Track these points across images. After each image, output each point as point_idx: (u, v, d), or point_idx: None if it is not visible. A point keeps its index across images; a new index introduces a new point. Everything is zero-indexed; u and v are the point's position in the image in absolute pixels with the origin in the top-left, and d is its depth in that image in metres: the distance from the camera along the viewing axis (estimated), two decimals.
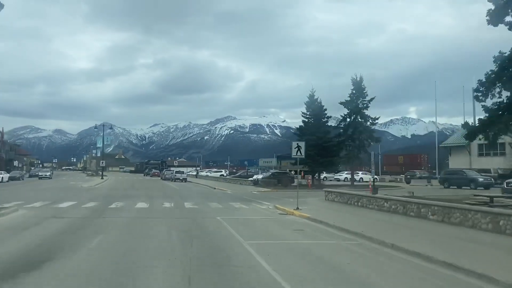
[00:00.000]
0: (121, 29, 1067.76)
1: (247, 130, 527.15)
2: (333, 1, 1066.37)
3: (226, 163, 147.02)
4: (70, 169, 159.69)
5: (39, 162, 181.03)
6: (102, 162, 56.63)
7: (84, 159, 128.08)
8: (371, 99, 36.18)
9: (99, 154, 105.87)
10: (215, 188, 37.91)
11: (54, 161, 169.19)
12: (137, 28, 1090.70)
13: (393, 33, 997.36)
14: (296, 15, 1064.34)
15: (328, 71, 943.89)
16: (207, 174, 68.47)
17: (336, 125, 38.29)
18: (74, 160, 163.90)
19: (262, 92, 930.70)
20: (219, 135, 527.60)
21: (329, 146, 37.38)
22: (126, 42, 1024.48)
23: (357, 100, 36.31)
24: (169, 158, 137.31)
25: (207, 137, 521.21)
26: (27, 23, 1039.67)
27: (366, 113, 36.09)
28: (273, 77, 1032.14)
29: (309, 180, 35.30)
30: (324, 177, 56.67)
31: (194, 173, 71.08)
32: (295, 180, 40.08)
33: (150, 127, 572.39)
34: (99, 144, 55.70)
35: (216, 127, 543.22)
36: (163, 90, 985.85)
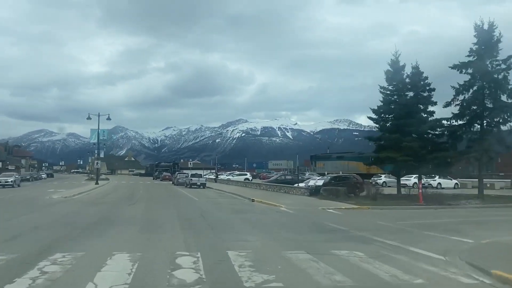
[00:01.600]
0: (133, 33, 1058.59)
1: (258, 133, 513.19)
2: (344, 4, 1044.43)
3: (234, 166, 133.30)
4: (79, 172, 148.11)
5: (46, 165, 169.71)
6: (97, 163, 43.24)
7: (90, 161, 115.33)
8: (510, 57, 22.06)
9: (102, 155, 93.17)
10: (253, 200, 24.23)
11: (61, 163, 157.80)
12: (149, 32, 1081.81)
13: (405, 35, 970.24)
14: (307, 17, 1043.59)
15: (338, 73, 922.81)
16: (228, 177, 54.83)
17: (448, 102, 23.70)
18: (81, 163, 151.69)
19: (273, 95, 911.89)
20: (231, 138, 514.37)
21: (436, 135, 23.52)
22: (138, 46, 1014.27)
23: (484, 59, 22.32)
24: (181, 160, 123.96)
25: (219, 140, 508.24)
26: (41, 28, 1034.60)
27: (504, 79, 21.98)
28: (284, 80, 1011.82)
29: (420, 190, 20.74)
30: (382, 182, 42.60)
31: (212, 177, 57.47)
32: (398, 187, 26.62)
33: (162, 130, 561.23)
34: (93, 140, 42.30)
35: (227, 130, 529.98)
36: (174, 94, 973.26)
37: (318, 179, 28.75)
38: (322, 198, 24.14)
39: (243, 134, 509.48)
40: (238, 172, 61.88)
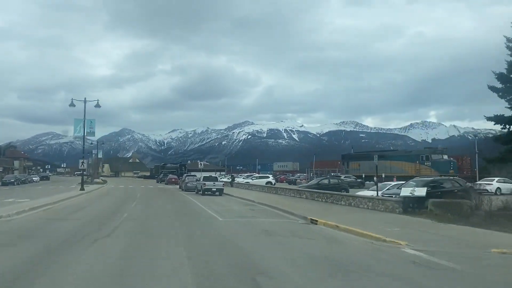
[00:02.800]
0: (140, 36, 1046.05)
1: (264, 135, 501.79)
2: (351, 6, 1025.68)
3: (238, 168, 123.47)
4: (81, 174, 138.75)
5: (48, 167, 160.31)
6: (82, 163, 32.91)
7: (89, 162, 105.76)
8: None
9: (101, 155, 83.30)
10: (315, 222, 13.94)
11: (63, 165, 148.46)
12: (156, 35, 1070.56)
13: (411, 36, 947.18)
14: (313, 19, 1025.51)
15: (345, 75, 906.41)
16: (247, 181, 44.47)
17: None
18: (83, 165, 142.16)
19: (279, 97, 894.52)
20: (237, 140, 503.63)
21: None
22: (145, 49, 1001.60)
23: None
24: (189, 161, 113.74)
25: (225, 142, 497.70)
26: (49, 32, 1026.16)
27: None
28: (290, 82, 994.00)
29: None
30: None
31: (226, 180, 47.10)
32: None
33: (169, 132, 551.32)
34: (77, 133, 31.81)
35: (233, 132, 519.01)
36: (181, 96, 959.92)
37: (409, 185, 18.25)
38: (433, 217, 13.76)
39: (249, 136, 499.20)
40: (259, 175, 51.29)
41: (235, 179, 46.80)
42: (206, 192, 30.37)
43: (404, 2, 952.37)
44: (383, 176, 44.63)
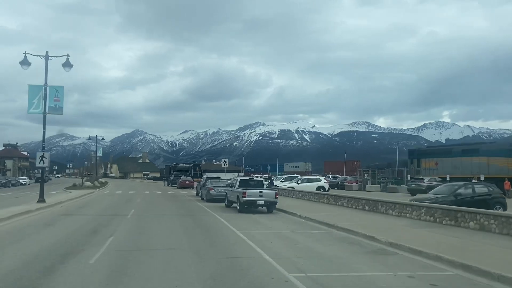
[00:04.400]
0: (151, 38, 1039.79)
1: (275, 135, 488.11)
2: (362, 6, 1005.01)
3: (247, 168, 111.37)
4: (87, 175, 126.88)
5: (56, 168, 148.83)
6: (42, 158, 19.81)
7: (92, 163, 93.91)
8: None
9: (100, 154, 70.94)
10: None
11: (68, 166, 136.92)
12: (167, 37, 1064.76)
13: (423, 36, 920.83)
14: (324, 20, 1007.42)
15: (356, 75, 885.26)
16: (290, 186, 31.24)
17: None
18: (88, 165, 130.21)
19: (291, 98, 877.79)
20: (248, 141, 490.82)
21: None
22: (157, 51, 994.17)
23: None
24: (202, 161, 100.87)
25: (236, 143, 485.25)
26: (62, 35, 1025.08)
27: None
28: (301, 83, 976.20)
29: None
30: None
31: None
32: None
33: (180, 133, 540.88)
34: (34, 109, 18.74)
35: (245, 133, 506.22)
36: (192, 97, 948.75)
37: None
38: None
39: (260, 137, 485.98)
40: (305, 177, 37.68)
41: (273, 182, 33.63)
42: (247, 207, 17.40)
43: (416, 2, 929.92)
44: (482, 178, 31.28)
